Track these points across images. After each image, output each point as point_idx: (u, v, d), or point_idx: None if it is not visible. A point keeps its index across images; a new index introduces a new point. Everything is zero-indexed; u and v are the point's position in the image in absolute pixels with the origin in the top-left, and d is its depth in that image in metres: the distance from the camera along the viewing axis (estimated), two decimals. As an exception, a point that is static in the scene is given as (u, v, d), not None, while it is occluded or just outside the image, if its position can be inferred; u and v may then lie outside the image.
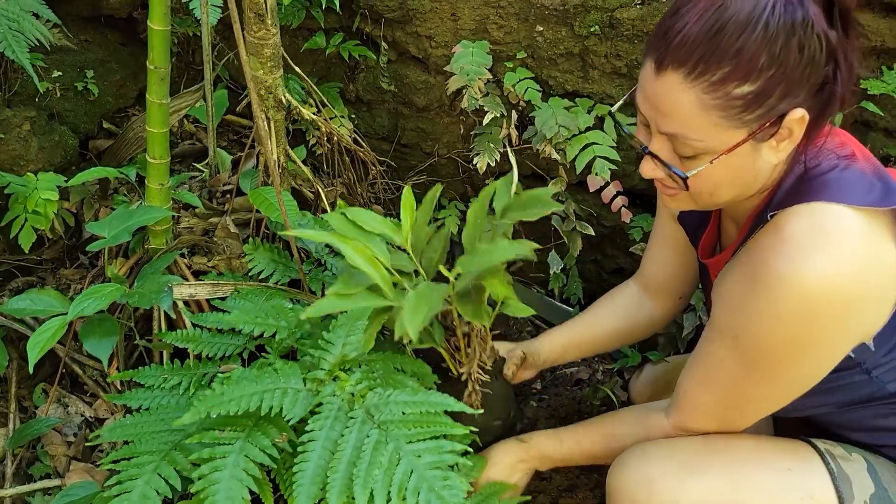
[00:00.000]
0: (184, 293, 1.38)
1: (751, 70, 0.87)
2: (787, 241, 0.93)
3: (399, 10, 1.84)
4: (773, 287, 0.93)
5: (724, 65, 0.87)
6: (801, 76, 0.88)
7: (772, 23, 0.86)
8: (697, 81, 0.89)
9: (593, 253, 2.16)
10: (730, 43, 0.86)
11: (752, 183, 1.00)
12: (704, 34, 0.87)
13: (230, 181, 1.69)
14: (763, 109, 0.89)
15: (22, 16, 1.45)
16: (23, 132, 1.52)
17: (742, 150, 0.93)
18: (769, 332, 0.96)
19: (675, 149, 0.96)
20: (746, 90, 0.88)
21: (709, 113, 0.90)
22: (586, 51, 1.82)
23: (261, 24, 1.36)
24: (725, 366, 1.04)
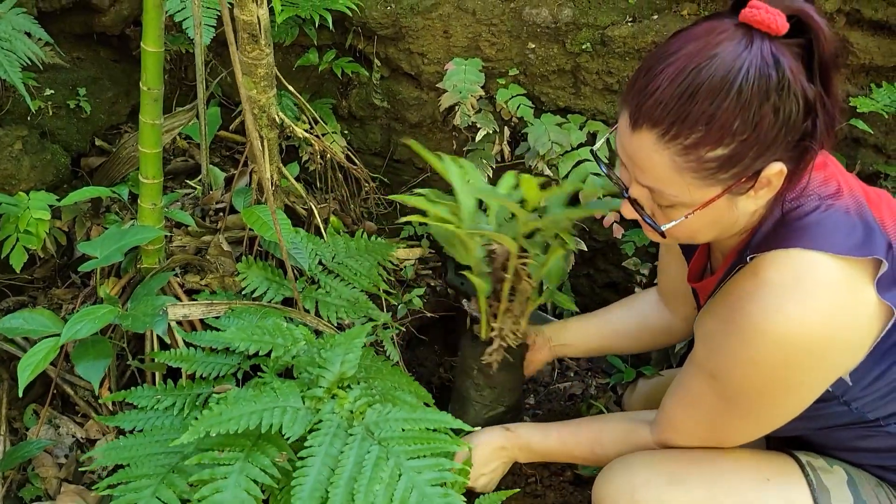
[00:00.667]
0: (178, 314, 1.37)
1: (723, 135, 0.87)
2: (763, 287, 0.95)
3: (392, 28, 1.85)
4: (749, 334, 0.95)
5: (696, 129, 0.87)
6: (777, 136, 0.89)
7: (745, 88, 0.85)
8: (671, 144, 0.90)
9: (586, 267, 2.16)
10: (702, 108, 0.86)
11: (732, 227, 1.02)
12: (677, 98, 0.87)
13: (223, 199, 1.68)
14: (737, 169, 0.90)
15: (14, 35, 1.45)
16: (14, 151, 1.51)
17: (718, 202, 0.94)
18: (745, 375, 0.99)
19: (655, 199, 0.98)
20: (719, 153, 0.89)
21: (682, 174, 0.91)
22: (578, 68, 1.83)
23: (255, 44, 1.36)
24: (705, 398, 1.07)
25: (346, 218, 1.91)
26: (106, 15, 1.76)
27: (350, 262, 1.63)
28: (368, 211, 2.04)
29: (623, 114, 0.95)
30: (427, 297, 1.94)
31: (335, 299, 1.55)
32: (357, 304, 1.55)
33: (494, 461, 1.32)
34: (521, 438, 1.32)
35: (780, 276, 0.94)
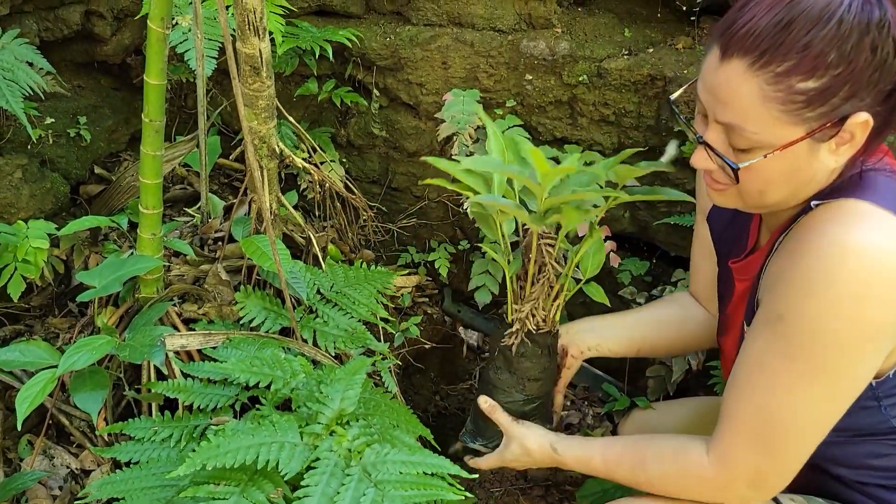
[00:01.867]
0: (175, 344, 1.37)
1: (817, 66, 0.84)
2: (845, 214, 0.90)
3: (391, 59, 1.87)
4: (827, 253, 0.89)
5: (789, 57, 0.85)
6: (871, 78, 0.86)
7: (846, 20, 0.83)
8: (761, 72, 0.86)
9: (582, 295, 2.16)
10: (798, 36, 0.84)
11: (806, 186, 0.96)
12: (773, 25, 0.85)
13: (222, 228, 1.69)
14: (826, 108, 0.87)
15: (16, 65, 1.46)
16: (14, 180, 1.52)
17: (798, 148, 0.90)
18: (819, 305, 0.90)
19: (731, 140, 0.93)
20: (810, 86, 0.85)
21: (768, 105, 0.87)
22: (574, 99, 1.85)
23: (256, 76, 1.37)
24: (767, 363, 0.97)
25: (344, 246, 1.91)
26: (107, 44, 1.78)
27: (349, 291, 1.64)
28: (366, 238, 2.05)
29: (712, 50, 0.92)
30: (424, 325, 1.95)
31: (333, 329, 1.55)
32: (355, 334, 1.55)
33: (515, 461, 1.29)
34: (556, 455, 1.23)
35: (859, 209, 0.90)
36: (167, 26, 1.23)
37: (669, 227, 1.94)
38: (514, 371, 1.25)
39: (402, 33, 1.86)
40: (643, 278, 2.02)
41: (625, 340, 1.44)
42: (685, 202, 1.15)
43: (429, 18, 1.85)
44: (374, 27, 1.89)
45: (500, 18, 1.82)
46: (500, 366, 1.28)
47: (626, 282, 1.98)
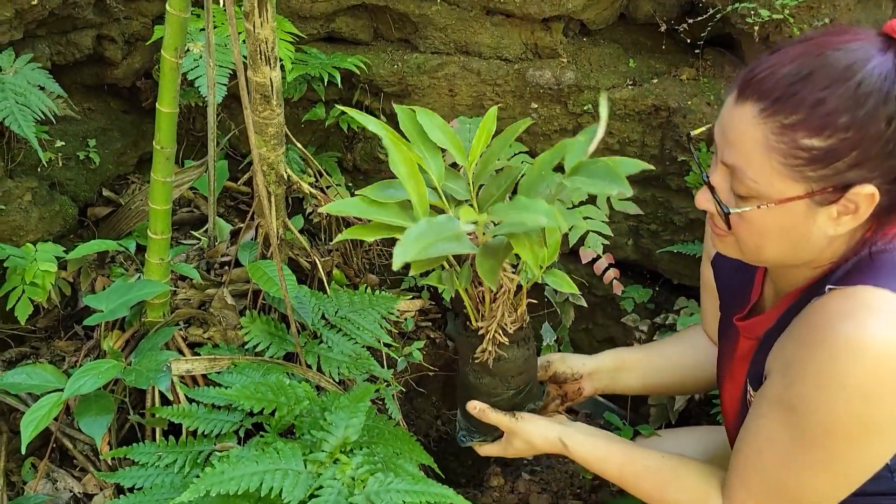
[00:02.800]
0: (181, 369, 1.37)
1: (826, 125, 0.82)
2: (861, 308, 0.87)
3: (398, 86, 1.89)
4: (840, 353, 0.86)
5: (799, 110, 0.83)
6: (881, 151, 0.83)
7: (865, 83, 0.81)
8: (769, 120, 0.85)
9: (584, 322, 2.18)
10: (813, 90, 0.82)
11: (802, 247, 0.94)
12: (793, 75, 0.84)
13: (228, 252, 1.70)
14: (828, 171, 0.84)
15: (29, 89, 1.47)
16: (24, 203, 1.53)
17: (796, 206, 0.88)
18: (831, 403, 0.88)
19: (732, 185, 0.92)
20: (815, 144, 0.83)
21: (770, 155, 0.86)
22: (580, 128, 1.87)
23: (266, 104, 1.39)
24: (778, 444, 0.96)
25: (349, 270, 1.92)
26: (118, 68, 1.80)
27: (353, 316, 1.64)
28: (370, 262, 2.06)
29: (732, 90, 0.91)
30: (427, 350, 1.95)
31: (337, 355, 1.55)
32: (359, 360, 1.55)
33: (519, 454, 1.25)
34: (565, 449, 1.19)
35: (879, 302, 0.86)
36: (180, 56, 1.24)
37: (672, 255, 1.95)
38: (495, 374, 1.19)
39: (410, 61, 1.88)
40: (646, 306, 2.03)
41: (640, 385, 1.42)
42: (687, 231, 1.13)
43: (436, 46, 1.88)
44: (381, 54, 1.91)
45: (506, 48, 1.85)
46: (478, 370, 1.20)
47: (628, 309, 1.99)
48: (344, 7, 1.86)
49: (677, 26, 1.80)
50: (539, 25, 1.82)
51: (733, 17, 1.67)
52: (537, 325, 2.05)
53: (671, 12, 1.85)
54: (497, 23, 1.82)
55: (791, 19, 1.60)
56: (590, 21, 1.86)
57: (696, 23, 1.74)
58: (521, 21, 1.81)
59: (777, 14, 1.59)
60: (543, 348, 2.02)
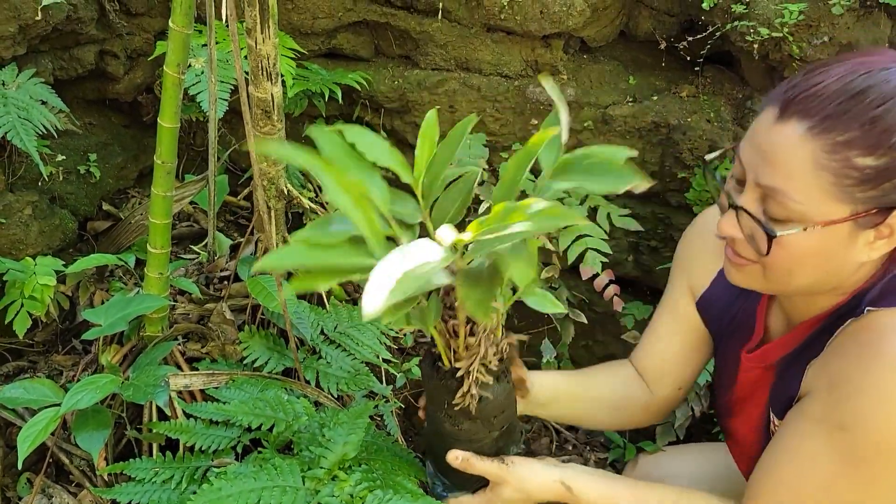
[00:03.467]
0: (179, 384, 1.37)
1: (881, 143, 0.80)
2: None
3: (399, 101, 1.90)
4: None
5: (853, 127, 0.81)
6: None
7: None
8: (820, 137, 0.82)
9: (584, 338, 2.17)
10: (868, 108, 0.81)
11: (834, 275, 0.91)
12: (841, 93, 0.82)
13: (227, 266, 1.69)
14: (877, 192, 0.82)
15: (31, 104, 1.48)
16: (24, 217, 1.53)
17: (839, 229, 0.85)
18: (888, 420, 0.83)
19: (767, 207, 0.88)
20: (868, 163, 0.81)
21: (820, 174, 0.82)
22: (580, 144, 1.87)
23: (267, 120, 1.39)
24: (822, 463, 0.90)
25: (348, 285, 1.92)
26: (120, 83, 1.81)
27: (352, 331, 1.63)
28: (370, 277, 2.05)
29: (767, 110, 0.87)
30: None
31: (336, 370, 1.55)
32: (358, 376, 1.55)
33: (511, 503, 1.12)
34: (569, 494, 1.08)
35: None
36: (182, 71, 1.25)
37: (672, 272, 1.95)
38: (477, 417, 1.04)
39: (410, 77, 1.89)
40: (646, 322, 2.03)
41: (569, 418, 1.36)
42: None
43: (437, 63, 1.89)
44: (382, 70, 1.92)
45: (506, 64, 1.86)
46: (456, 416, 1.05)
47: (629, 326, 1.98)
48: (345, 24, 1.87)
49: (677, 44, 1.81)
50: (539, 42, 1.83)
51: (733, 35, 1.68)
52: (537, 341, 2.05)
53: (671, 30, 1.87)
54: (497, 40, 1.84)
55: (790, 37, 1.61)
56: (590, 38, 1.87)
57: (696, 40, 1.75)
58: (522, 38, 1.82)
59: (776, 32, 1.60)
60: (543, 365, 2.01)
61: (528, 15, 1.75)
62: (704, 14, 1.73)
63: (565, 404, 1.30)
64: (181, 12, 1.20)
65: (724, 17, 1.69)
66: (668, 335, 1.30)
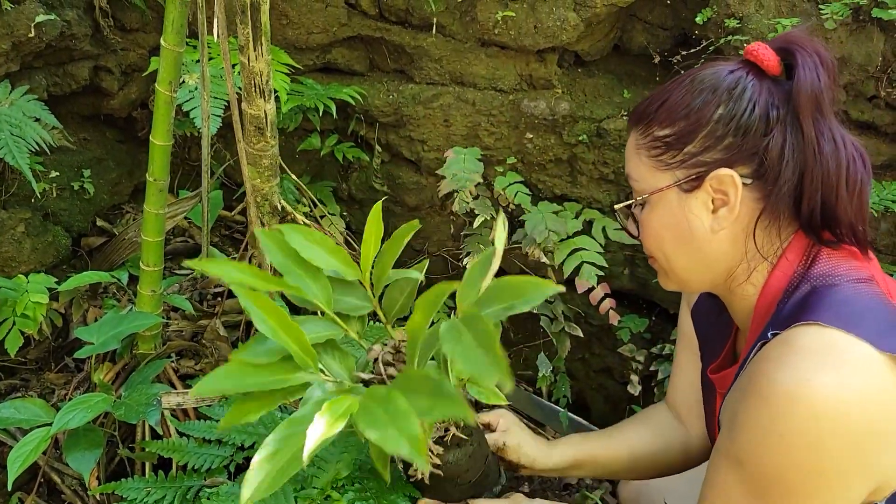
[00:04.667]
0: (172, 402, 1.36)
1: (671, 116, 0.97)
2: (794, 354, 0.85)
3: (394, 116, 1.90)
4: (777, 404, 0.84)
5: (652, 111, 0.99)
6: (724, 132, 0.93)
7: (699, 78, 0.96)
8: (636, 127, 1.01)
9: (581, 351, 2.16)
10: (662, 94, 0.99)
11: (700, 250, 0.98)
12: (657, 93, 1.01)
13: (221, 283, 1.69)
14: (683, 156, 0.96)
15: (24, 121, 1.48)
16: (17, 234, 1.53)
17: (668, 196, 0.98)
18: (774, 455, 0.86)
19: (634, 199, 1.03)
20: (666, 132, 0.97)
21: (639, 153, 1.00)
22: (574, 158, 1.88)
23: (261, 136, 1.39)
24: (735, 496, 0.93)
25: (343, 300, 1.91)
26: (115, 98, 1.81)
27: (345, 346, 1.63)
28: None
29: None
30: (422, 381, 1.93)
31: (330, 387, 1.54)
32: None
33: None
34: None
35: (813, 344, 0.85)
36: (174, 89, 1.25)
37: (668, 285, 1.94)
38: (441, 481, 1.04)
39: (405, 91, 1.89)
40: (642, 335, 2.02)
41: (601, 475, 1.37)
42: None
43: (431, 77, 1.89)
44: (377, 85, 1.92)
45: (501, 79, 1.86)
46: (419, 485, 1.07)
47: (625, 339, 1.98)
48: (340, 38, 1.87)
49: (671, 57, 1.81)
50: (534, 57, 1.83)
51: (726, 50, 1.68)
52: (533, 355, 2.04)
53: (665, 44, 1.87)
54: (492, 54, 1.84)
55: (783, 52, 1.61)
56: (584, 52, 1.87)
57: (690, 54, 1.75)
58: (516, 53, 1.83)
59: (769, 46, 1.60)
60: (539, 379, 2.01)
61: (523, 30, 1.76)
62: (698, 28, 1.73)
63: (592, 468, 1.29)
64: (173, 31, 1.20)
65: (718, 31, 1.69)
66: (686, 366, 1.29)
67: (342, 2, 1.83)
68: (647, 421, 1.33)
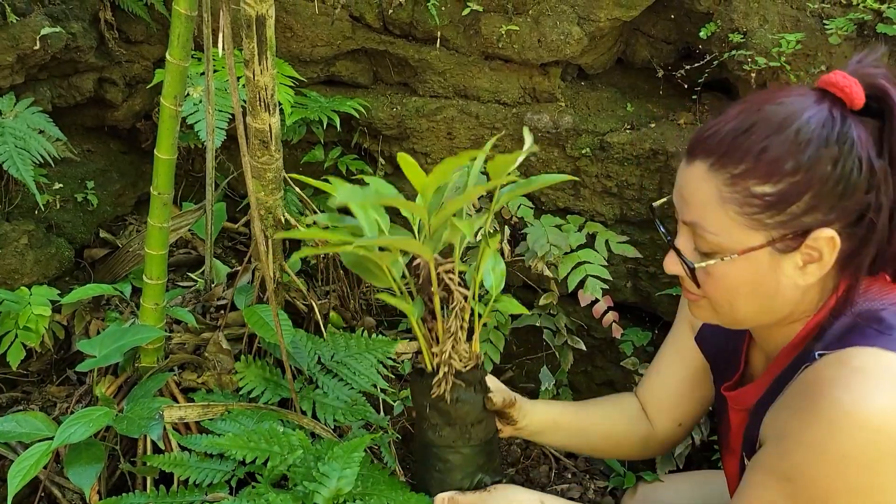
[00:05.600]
0: (174, 416, 1.35)
1: (773, 171, 0.86)
2: (855, 375, 0.85)
3: (397, 128, 1.90)
4: (837, 423, 0.84)
5: (745, 160, 0.87)
6: (832, 192, 0.86)
7: (804, 130, 0.85)
8: (719, 173, 0.89)
9: (584, 364, 2.16)
10: (756, 140, 0.87)
11: (775, 300, 0.94)
12: (734, 130, 0.89)
13: (224, 295, 1.68)
14: (784, 217, 0.87)
15: (29, 133, 1.48)
16: (20, 246, 1.52)
17: (759, 256, 0.90)
18: (828, 473, 0.85)
19: (696, 244, 0.94)
20: (767, 190, 0.87)
21: (726, 206, 0.89)
22: (578, 171, 1.88)
23: (265, 150, 1.39)
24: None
25: (346, 313, 1.91)
26: (119, 110, 1.81)
27: (349, 361, 1.62)
28: (367, 303, 2.04)
29: (684, 154, 0.96)
30: (424, 394, 1.92)
31: (333, 401, 1.53)
32: (355, 406, 1.53)
33: None
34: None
35: (874, 366, 0.85)
36: (180, 103, 1.25)
37: (671, 298, 1.94)
38: (454, 422, 1.12)
39: (409, 104, 1.89)
40: (645, 349, 2.01)
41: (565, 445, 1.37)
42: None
43: (435, 90, 1.89)
44: (381, 97, 1.93)
45: (504, 92, 1.86)
46: (436, 423, 1.15)
47: (628, 352, 1.97)
48: (344, 51, 1.88)
49: (674, 71, 1.81)
50: (537, 70, 1.83)
51: (730, 64, 1.68)
52: (535, 368, 2.03)
53: (668, 58, 1.87)
54: (495, 68, 1.84)
55: (788, 66, 1.61)
56: (588, 66, 1.88)
57: (694, 68, 1.75)
58: (520, 66, 1.83)
59: (774, 62, 1.60)
60: (541, 393, 2.00)
61: (526, 44, 1.76)
62: (702, 42, 1.73)
63: (562, 434, 1.33)
64: (178, 45, 1.20)
65: (722, 45, 1.69)
66: (668, 368, 1.32)
67: (347, 15, 1.83)
68: (616, 405, 1.36)
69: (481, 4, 1.76)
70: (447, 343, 1.09)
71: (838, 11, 1.62)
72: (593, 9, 1.75)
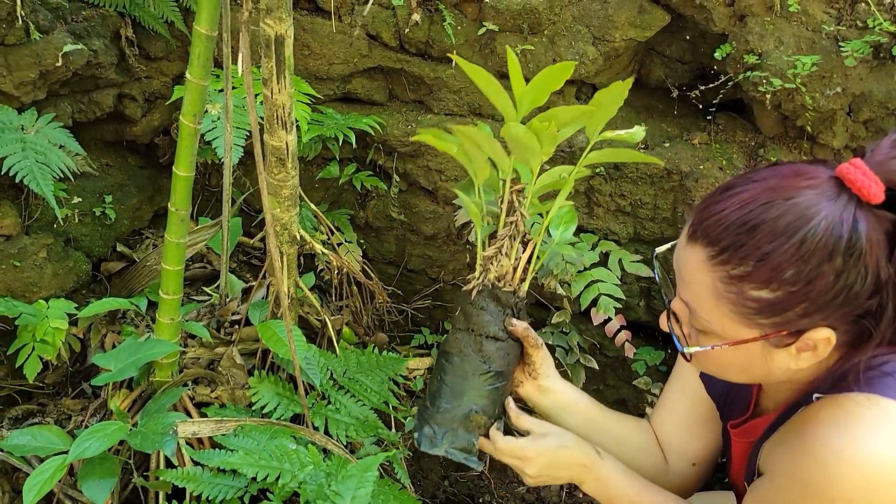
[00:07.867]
0: (187, 431, 1.36)
1: (772, 278, 0.83)
2: (849, 417, 0.85)
3: (411, 145, 1.91)
4: (830, 465, 0.84)
5: (746, 262, 0.84)
6: (831, 302, 0.83)
7: (809, 239, 0.81)
8: (718, 268, 0.86)
9: (596, 382, 2.15)
10: (759, 243, 0.83)
11: (766, 377, 0.95)
12: (738, 225, 0.84)
13: (239, 310, 1.70)
14: (778, 319, 0.85)
15: (49, 148, 1.50)
16: (38, 259, 1.54)
17: (752, 347, 0.89)
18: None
19: (691, 319, 0.93)
20: (763, 296, 0.84)
21: (720, 302, 0.87)
22: (592, 189, 1.88)
23: (282, 167, 1.41)
24: None
25: (359, 328, 1.92)
26: (137, 125, 1.83)
27: (361, 377, 1.63)
28: (380, 319, 2.05)
29: (687, 222, 0.93)
30: (436, 410, 1.92)
31: (345, 416, 1.54)
32: (367, 423, 1.54)
33: (565, 472, 1.13)
34: (604, 470, 1.12)
35: (867, 410, 0.85)
36: (198, 121, 1.26)
37: (685, 318, 1.93)
38: (472, 328, 1.11)
39: (424, 122, 1.90)
40: (658, 368, 2.01)
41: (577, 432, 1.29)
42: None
43: (450, 108, 1.90)
44: (396, 115, 1.94)
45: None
46: (458, 326, 1.14)
47: (640, 371, 1.96)
48: (360, 69, 1.89)
49: (689, 92, 1.81)
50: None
51: (745, 85, 1.68)
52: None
53: (683, 78, 1.87)
54: (510, 86, 1.84)
55: (803, 88, 1.61)
56: (602, 85, 1.88)
57: (708, 88, 1.76)
58: (535, 85, 1.83)
59: (789, 83, 1.60)
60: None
61: (541, 63, 1.77)
62: (717, 63, 1.73)
63: (580, 420, 1.25)
64: (198, 64, 1.22)
65: (737, 66, 1.69)
66: (675, 405, 1.28)
67: (364, 34, 1.85)
68: (636, 423, 1.31)
69: (497, 24, 1.77)
70: (492, 250, 1.13)
71: (854, 34, 1.62)
72: (608, 29, 1.76)
